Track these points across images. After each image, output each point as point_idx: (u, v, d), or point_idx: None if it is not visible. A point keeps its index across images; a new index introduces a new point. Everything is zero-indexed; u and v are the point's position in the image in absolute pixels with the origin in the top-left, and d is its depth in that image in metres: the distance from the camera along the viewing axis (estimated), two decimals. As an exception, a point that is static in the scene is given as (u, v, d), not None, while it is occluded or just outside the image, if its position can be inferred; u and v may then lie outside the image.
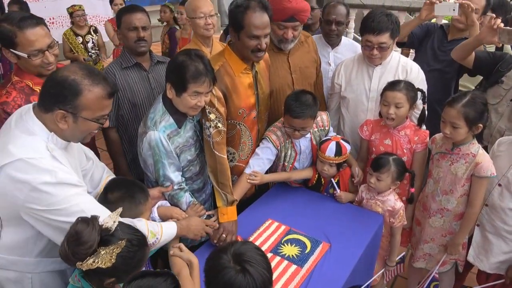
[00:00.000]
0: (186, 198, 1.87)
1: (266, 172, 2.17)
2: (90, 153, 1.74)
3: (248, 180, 2.04)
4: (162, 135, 1.70)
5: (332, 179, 2.14)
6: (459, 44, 2.27)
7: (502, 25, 1.97)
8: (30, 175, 1.22)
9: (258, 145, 2.15)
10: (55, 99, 1.27)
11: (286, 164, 2.18)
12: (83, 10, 4.25)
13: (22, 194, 1.22)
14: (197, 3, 2.52)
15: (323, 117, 2.22)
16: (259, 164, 2.09)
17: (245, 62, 1.92)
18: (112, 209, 1.45)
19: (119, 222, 1.20)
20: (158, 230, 1.50)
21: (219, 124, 1.86)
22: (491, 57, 2.27)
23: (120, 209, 1.21)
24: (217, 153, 1.87)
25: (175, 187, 1.83)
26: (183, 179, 1.87)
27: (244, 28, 1.80)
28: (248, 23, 1.78)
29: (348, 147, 2.10)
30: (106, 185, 1.53)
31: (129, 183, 1.57)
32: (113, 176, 1.77)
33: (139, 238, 1.23)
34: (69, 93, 1.26)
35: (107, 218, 1.17)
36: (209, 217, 1.89)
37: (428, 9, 2.34)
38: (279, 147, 2.12)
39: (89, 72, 1.30)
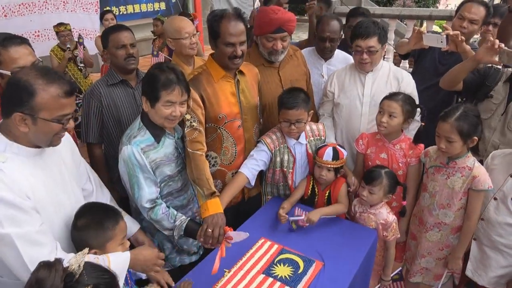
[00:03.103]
0: (161, 210, 1.79)
1: (260, 175, 2.19)
2: (93, 176, 1.75)
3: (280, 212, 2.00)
4: (135, 149, 1.69)
5: (290, 218, 1.97)
6: (448, 71, 2.23)
7: (502, 45, 1.94)
8: None
9: (246, 155, 2.15)
10: (11, 102, 1.25)
11: (285, 169, 2.16)
12: (69, 30, 4.26)
13: None
14: (179, 24, 2.52)
15: (319, 127, 2.23)
16: (253, 163, 2.09)
17: (225, 70, 1.98)
18: (80, 236, 1.41)
19: (86, 263, 1.10)
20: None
21: (194, 123, 1.89)
22: (477, 76, 2.26)
23: (86, 250, 1.12)
24: (190, 150, 1.86)
25: (147, 205, 1.76)
26: (159, 195, 1.82)
27: (220, 36, 1.88)
28: (224, 31, 1.86)
29: (344, 152, 2.09)
30: (77, 211, 1.46)
31: (98, 209, 1.49)
32: (115, 206, 1.72)
33: (107, 282, 1.13)
34: (24, 95, 1.23)
35: (73, 259, 1.08)
36: (193, 221, 1.83)
37: (417, 37, 2.31)
38: (273, 150, 2.13)
39: (43, 72, 1.27)
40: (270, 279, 1.67)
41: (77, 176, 1.61)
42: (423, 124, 2.18)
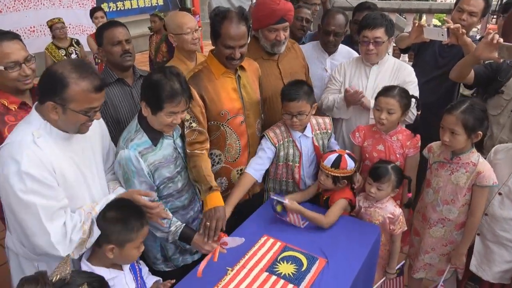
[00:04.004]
0: None
1: (267, 171, 2.19)
2: None
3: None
4: (132, 153, 1.66)
5: (273, 197, 1.91)
6: (456, 63, 2.21)
7: (501, 40, 1.90)
8: (3, 164, 1.32)
9: (250, 151, 2.14)
10: (46, 91, 1.37)
11: (290, 163, 2.15)
12: (63, 22, 4.19)
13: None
14: (181, 19, 2.47)
15: (326, 120, 2.21)
16: (258, 162, 2.09)
17: (225, 67, 1.97)
18: (104, 226, 1.44)
19: (73, 270, 1.12)
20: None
21: (193, 124, 1.89)
22: (490, 70, 2.24)
23: (68, 258, 1.12)
24: (188, 151, 1.87)
25: None
26: (157, 199, 1.80)
27: (221, 37, 1.87)
28: (224, 32, 1.85)
29: (350, 163, 1.99)
30: (110, 202, 1.51)
31: (129, 208, 1.51)
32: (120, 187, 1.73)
33: (98, 280, 1.18)
34: (57, 86, 1.34)
35: (56, 270, 1.07)
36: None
37: (417, 31, 2.32)
38: (277, 145, 2.11)
39: (77, 66, 1.37)
40: (274, 277, 1.65)
41: (105, 161, 1.72)
42: (418, 113, 2.18)
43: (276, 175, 2.22)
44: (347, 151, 2.08)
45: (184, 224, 1.80)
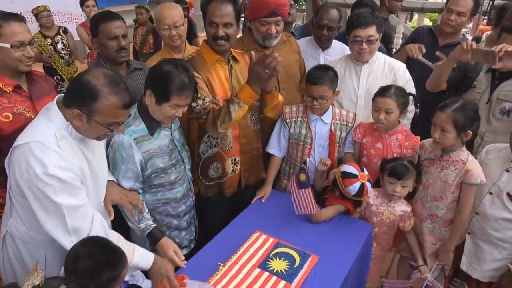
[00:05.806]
0: None
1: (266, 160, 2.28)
2: None
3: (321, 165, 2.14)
4: (127, 139, 1.66)
5: (308, 163, 2.03)
6: (431, 74, 2.25)
7: (474, 45, 1.98)
8: (27, 163, 1.31)
9: (242, 142, 2.09)
10: (75, 99, 1.36)
11: (302, 143, 2.17)
12: (49, 10, 4.06)
13: (22, 178, 1.34)
14: (162, 13, 2.39)
15: (349, 114, 2.22)
16: (276, 141, 2.22)
17: (217, 54, 1.95)
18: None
19: (47, 278, 1.10)
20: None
21: (206, 99, 1.85)
22: (458, 72, 2.30)
23: (36, 265, 1.10)
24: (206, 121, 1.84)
25: None
26: (140, 191, 1.79)
27: (207, 16, 1.89)
28: (209, 11, 1.86)
29: (370, 190, 1.95)
30: (78, 251, 1.27)
31: (102, 254, 1.28)
32: None
33: (75, 281, 1.17)
34: (88, 97, 1.34)
35: (27, 280, 1.05)
36: None
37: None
38: (288, 120, 2.16)
39: (111, 81, 1.37)
40: (266, 273, 1.64)
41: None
42: (417, 110, 2.19)
43: (288, 154, 2.24)
44: (368, 184, 1.93)
45: (154, 225, 1.77)
